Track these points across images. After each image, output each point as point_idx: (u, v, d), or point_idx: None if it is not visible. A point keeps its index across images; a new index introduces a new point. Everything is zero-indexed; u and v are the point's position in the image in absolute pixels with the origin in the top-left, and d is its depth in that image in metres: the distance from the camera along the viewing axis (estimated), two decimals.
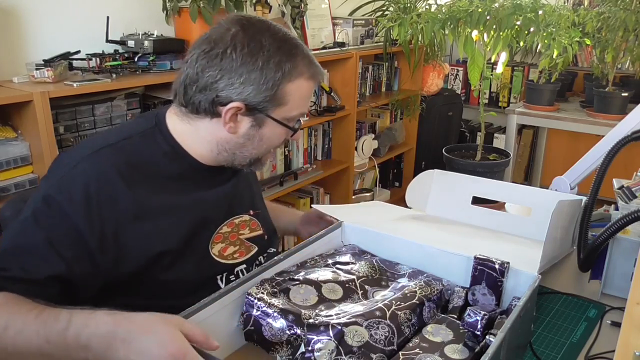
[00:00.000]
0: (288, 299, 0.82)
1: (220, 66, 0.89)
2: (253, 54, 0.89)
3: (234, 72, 0.89)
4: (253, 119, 0.93)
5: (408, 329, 0.80)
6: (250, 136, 0.95)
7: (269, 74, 0.90)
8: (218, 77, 0.89)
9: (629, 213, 0.89)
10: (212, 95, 0.90)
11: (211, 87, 0.90)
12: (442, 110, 3.56)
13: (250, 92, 0.90)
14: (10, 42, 1.78)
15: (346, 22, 3.02)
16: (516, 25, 1.38)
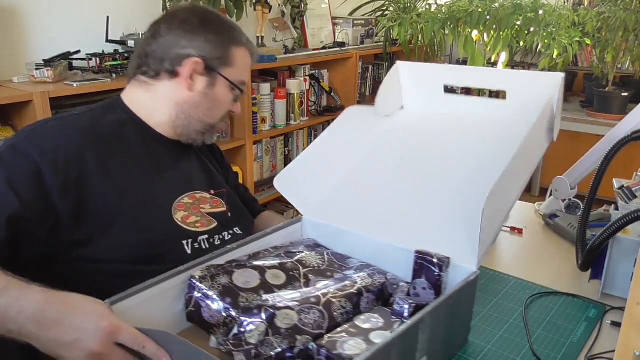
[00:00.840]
0: (230, 282, 0.82)
1: (182, 28, 1.03)
2: (209, 22, 1.05)
3: (194, 32, 1.03)
4: (208, 78, 1.04)
5: (341, 317, 0.80)
6: (205, 95, 1.05)
7: (222, 37, 1.05)
8: (181, 36, 1.02)
9: (629, 213, 0.89)
10: (174, 53, 1.02)
11: (174, 44, 1.02)
12: None
13: (208, 49, 1.03)
14: (10, 42, 1.78)
15: (346, 22, 3.02)
16: (516, 25, 1.39)
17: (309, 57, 2.67)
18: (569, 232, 1.31)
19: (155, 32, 1.03)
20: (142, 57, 1.04)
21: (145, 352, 0.69)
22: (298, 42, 2.79)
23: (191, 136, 1.08)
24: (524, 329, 0.97)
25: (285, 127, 2.58)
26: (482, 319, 1.00)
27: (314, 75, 2.80)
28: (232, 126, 2.34)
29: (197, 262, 0.85)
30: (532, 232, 1.39)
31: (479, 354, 0.90)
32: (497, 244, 1.34)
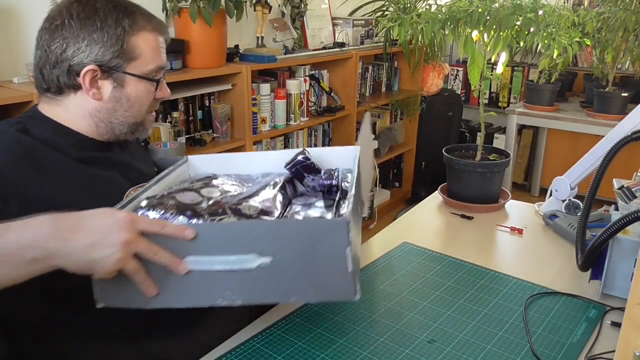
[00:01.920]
0: (178, 202, 0.84)
1: (62, 35, 0.92)
2: (89, 16, 0.92)
3: (76, 37, 0.91)
4: (113, 80, 0.95)
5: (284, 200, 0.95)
6: (117, 98, 0.97)
7: (110, 31, 0.92)
8: (64, 46, 0.91)
9: (629, 213, 0.89)
10: (65, 67, 0.92)
11: (61, 58, 0.92)
12: (442, 110, 3.56)
13: (98, 52, 0.92)
14: (10, 42, 1.78)
15: (346, 23, 3.02)
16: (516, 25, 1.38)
17: (309, 58, 2.67)
18: (569, 232, 1.31)
19: (42, 44, 0.94)
20: (39, 74, 0.95)
21: (166, 231, 0.73)
22: (298, 42, 2.79)
23: (120, 137, 1.02)
24: (524, 329, 0.97)
25: (285, 127, 2.58)
26: (482, 319, 1.00)
27: (313, 76, 2.80)
28: (232, 126, 2.34)
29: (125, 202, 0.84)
30: (532, 232, 1.39)
31: (479, 354, 0.90)
32: (497, 244, 1.34)
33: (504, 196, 1.57)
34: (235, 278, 0.77)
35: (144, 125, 1.04)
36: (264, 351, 0.90)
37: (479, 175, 1.51)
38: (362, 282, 1.13)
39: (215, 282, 0.77)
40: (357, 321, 0.99)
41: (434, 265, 1.20)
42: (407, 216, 1.51)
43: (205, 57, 2.15)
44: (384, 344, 0.92)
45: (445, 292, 1.09)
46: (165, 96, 1.06)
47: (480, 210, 1.51)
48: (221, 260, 0.76)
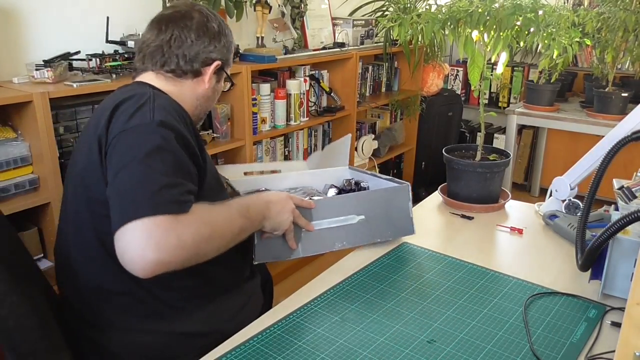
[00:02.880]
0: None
1: (207, 35, 1.16)
2: (221, 25, 1.20)
3: (216, 38, 1.18)
4: (217, 76, 1.21)
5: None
6: (214, 90, 1.23)
7: (229, 40, 1.22)
8: (208, 43, 1.16)
9: (628, 213, 0.89)
10: (203, 57, 1.16)
11: (203, 51, 1.16)
12: (442, 110, 3.56)
13: (224, 53, 1.20)
14: (10, 42, 1.78)
15: (346, 23, 3.02)
16: (516, 25, 1.38)
17: (309, 58, 2.67)
18: (569, 232, 1.31)
19: (178, 35, 1.14)
20: (166, 56, 1.14)
21: (303, 204, 1.17)
22: (298, 42, 2.79)
23: (196, 122, 1.21)
24: (524, 329, 0.97)
25: (285, 127, 2.58)
26: (482, 319, 1.00)
27: (313, 76, 2.80)
28: (232, 126, 2.34)
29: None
30: (532, 232, 1.39)
31: (479, 354, 0.90)
32: (497, 244, 1.34)
33: (504, 196, 1.57)
34: (344, 231, 1.20)
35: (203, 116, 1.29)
36: (264, 351, 0.90)
37: (479, 175, 1.51)
38: (362, 282, 1.13)
39: (332, 235, 1.19)
40: (357, 321, 0.99)
41: (434, 265, 1.20)
42: None
43: None
44: (384, 344, 0.92)
45: (445, 292, 1.09)
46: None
47: (480, 210, 1.51)
48: (334, 220, 1.20)
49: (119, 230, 0.87)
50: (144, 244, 0.86)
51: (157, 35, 1.15)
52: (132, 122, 0.99)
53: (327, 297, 1.07)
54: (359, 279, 1.14)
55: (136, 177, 0.92)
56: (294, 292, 1.10)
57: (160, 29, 1.15)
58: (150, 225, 0.87)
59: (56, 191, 1.64)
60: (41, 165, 1.61)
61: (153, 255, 0.86)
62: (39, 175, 1.63)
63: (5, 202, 1.56)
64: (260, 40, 2.49)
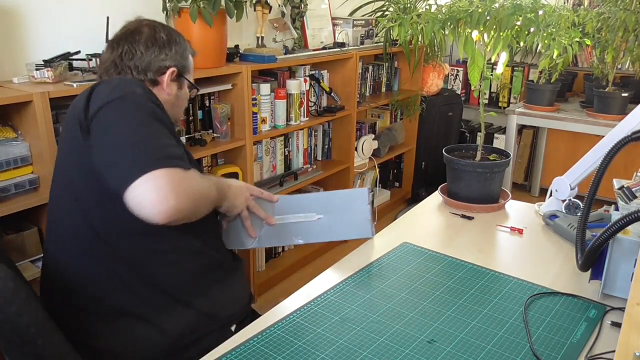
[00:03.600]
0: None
1: (157, 45, 1.23)
2: (171, 34, 1.27)
3: (167, 46, 1.24)
4: (177, 83, 1.27)
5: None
6: (177, 97, 1.28)
7: (183, 47, 1.28)
8: (159, 52, 1.23)
9: (628, 213, 0.89)
10: (156, 66, 1.22)
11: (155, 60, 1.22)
12: (442, 110, 3.56)
13: (178, 59, 1.26)
14: (10, 42, 1.78)
15: (346, 23, 3.02)
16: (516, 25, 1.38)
17: (309, 58, 2.67)
18: (569, 232, 1.32)
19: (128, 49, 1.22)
20: (119, 68, 1.21)
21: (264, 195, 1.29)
22: (298, 42, 2.79)
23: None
24: (524, 329, 0.97)
25: (285, 127, 2.58)
26: (482, 319, 1.00)
27: (313, 76, 2.80)
28: (232, 126, 2.34)
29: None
30: (532, 232, 1.39)
31: (479, 354, 0.90)
32: (497, 244, 1.34)
33: (504, 196, 1.57)
34: (303, 227, 1.28)
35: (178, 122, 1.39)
36: (264, 351, 0.90)
37: (479, 175, 1.51)
38: (362, 282, 1.13)
39: (292, 230, 1.28)
40: (357, 321, 0.99)
41: (434, 265, 1.20)
42: (407, 216, 1.51)
43: (206, 57, 2.14)
44: (384, 344, 0.93)
45: (445, 292, 1.09)
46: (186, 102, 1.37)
47: (480, 210, 1.51)
48: (295, 216, 1.28)
49: (131, 185, 0.93)
50: (164, 191, 0.93)
51: (110, 53, 1.23)
52: (115, 93, 1.04)
53: (327, 297, 1.07)
54: (359, 279, 1.14)
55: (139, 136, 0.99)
56: (294, 292, 1.10)
57: (113, 47, 1.23)
58: (167, 174, 0.94)
59: None
60: (41, 165, 1.61)
61: (174, 200, 0.94)
62: (39, 175, 1.63)
63: (5, 202, 1.56)
64: (260, 40, 2.49)
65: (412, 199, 3.67)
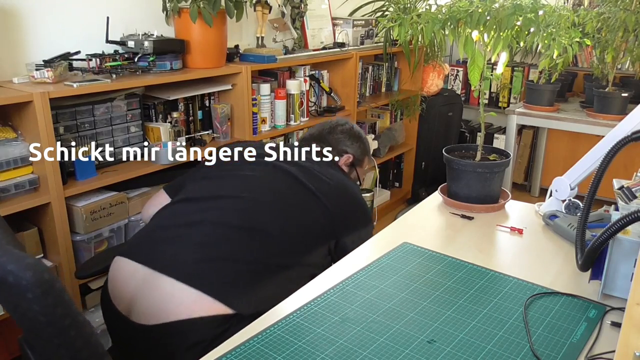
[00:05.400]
0: None
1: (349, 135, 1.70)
2: (362, 136, 1.74)
3: (354, 139, 1.71)
4: (349, 169, 1.69)
5: None
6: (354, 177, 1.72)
7: (365, 147, 1.74)
8: (346, 140, 1.70)
9: (628, 213, 0.89)
10: (341, 148, 1.68)
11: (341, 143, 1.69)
12: (442, 110, 3.56)
13: (357, 152, 1.70)
14: (10, 42, 1.78)
15: (346, 23, 3.02)
16: (516, 25, 1.38)
17: (309, 58, 2.67)
18: (568, 232, 1.31)
19: (332, 130, 1.69)
20: (319, 140, 1.66)
21: None
22: (298, 42, 2.79)
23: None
24: (524, 329, 0.97)
25: (285, 127, 2.58)
26: (482, 319, 1.00)
27: (313, 76, 2.80)
28: (232, 127, 2.34)
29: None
30: (532, 232, 1.39)
31: (479, 354, 0.90)
32: (497, 244, 1.34)
33: (504, 196, 1.57)
34: None
35: None
36: (264, 351, 0.90)
37: (479, 175, 1.51)
38: (362, 282, 1.13)
39: None
40: (357, 321, 0.99)
41: (434, 265, 1.20)
42: (407, 216, 1.51)
43: (206, 57, 2.15)
44: (384, 344, 0.92)
45: (445, 292, 1.09)
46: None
47: (480, 210, 1.51)
48: None
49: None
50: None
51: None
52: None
53: (327, 297, 1.07)
54: (359, 279, 1.14)
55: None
56: (294, 292, 1.10)
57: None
58: None
59: (56, 191, 1.64)
60: (41, 165, 1.61)
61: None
62: (39, 175, 1.63)
63: (5, 202, 1.57)
64: (260, 40, 2.49)
65: (412, 199, 3.67)
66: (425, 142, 3.58)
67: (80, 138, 1.78)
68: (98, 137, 1.85)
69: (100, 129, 1.85)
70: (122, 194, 1.87)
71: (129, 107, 1.92)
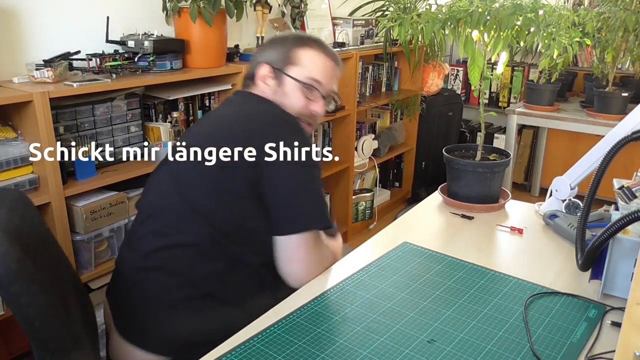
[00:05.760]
0: None
1: (259, 48, 1.38)
2: (279, 37, 1.30)
3: (264, 48, 1.28)
4: (276, 80, 1.23)
5: None
6: (275, 92, 1.22)
7: (286, 43, 1.25)
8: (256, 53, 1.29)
9: (629, 213, 0.89)
10: (252, 64, 1.26)
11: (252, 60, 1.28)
12: (442, 110, 3.56)
13: (272, 56, 1.23)
14: (10, 42, 1.78)
15: (346, 22, 3.02)
16: (516, 25, 1.38)
17: None
18: (569, 232, 1.31)
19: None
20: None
21: None
22: None
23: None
24: (524, 329, 0.97)
25: None
26: (482, 319, 1.00)
27: None
28: None
29: None
30: (532, 232, 1.39)
31: (479, 354, 0.90)
32: (497, 244, 1.34)
33: (504, 196, 1.57)
34: None
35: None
36: (264, 351, 0.90)
37: (479, 175, 1.51)
38: (362, 282, 1.13)
39: None
40: (357, 321, 0.99)
41: (434, 265, 1.20)
42: (407, 216, 1.51)
43: (206, 57, 2.14)
44: (384, 344, 0.92)
45: (445, 292, 1.09)
46: (316, 110, 1.24)
47: (480, 210, 1.51)
48: None
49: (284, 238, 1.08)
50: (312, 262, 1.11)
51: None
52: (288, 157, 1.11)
53: (327, 297, 1.07)
54: (359, 279, 1.14)
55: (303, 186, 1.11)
56: (294, 292, 1.10)
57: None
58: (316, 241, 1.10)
59: (56, 191, 1.64)
60: (41, 165, 1.61)
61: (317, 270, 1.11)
62: (39, 175, 1.63)
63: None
64: (260, 40, 2.49)
65: (412, 199, 3.67)
66: (425, 142, 3.58)
67: (80, 138, 1.78)
68: (98, 137, 1.85)
69: (100, 128, 1.85)
70: (122, 194, 1.86)
71: (129, 107, 1.92)
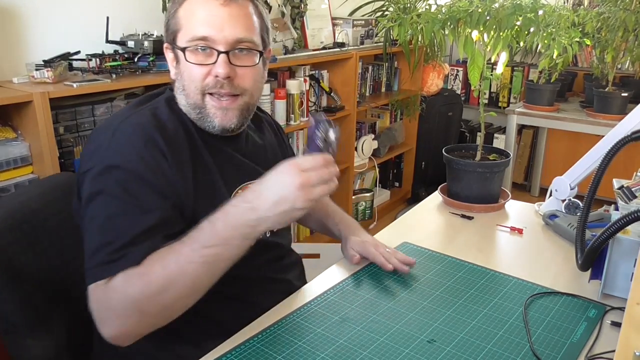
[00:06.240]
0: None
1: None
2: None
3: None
4: (174, 57, 1.00)
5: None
6: (177, 73, 1.01)
7: (170, 8, 0.98)
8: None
9: (629, 213, 0.89)
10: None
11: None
12: (442, 110, 3.56)
13: (165, 31, 1.00)
14: (10, 42, 1.78)
15: (346, 23, 3.02)
16: (516, 25, 1.38)
17: (309, 58, 2.67)
18: (569, 232, 1.31)
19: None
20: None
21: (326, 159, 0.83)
22: (298, 42, 2.79)
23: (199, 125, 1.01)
24: (524, 329, 0.97)
25: (285, 127, 2.58)
26: (482, 319, 1.00)
27: (313, 76, 2.80)
28: None
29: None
30: (532, 232, 1.39)
31: (479, 354, 0.90)
32: (497, 244, 1.34)
33: (504, 196, 1.57)
34: None
35: (205, 109, 0.98)
36: (264, 351, 0.90)
37: (479, 175, 1.51)
38: (362, 282, 1.13)
39: None
40: (357, 321, 0.99)
41: (434, 265, 1.20)
42: (407, 216, 1.51)
43: None
44: (384, 344, 0.93)
45: (445, 292, 1.09)
46: (218, 71, 0.95)
47: (480, 210, 1.51)
48: None
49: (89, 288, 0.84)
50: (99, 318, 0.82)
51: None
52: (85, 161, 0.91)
53: (327, 297, 1.07)
54: (359, 279, 1.14)
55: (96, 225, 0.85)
56: (294, 292, 1.10)
57: None
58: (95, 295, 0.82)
59: None
60: (41, 165, 1.61)
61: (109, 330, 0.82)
62: (39, 175, 1.63)
63: None
64: None
65: (412, 199, 3.67)
66: (425, 142, 3.58)
67: (80, 138, 1.78)
68: None
69: None
70: None
71: None
